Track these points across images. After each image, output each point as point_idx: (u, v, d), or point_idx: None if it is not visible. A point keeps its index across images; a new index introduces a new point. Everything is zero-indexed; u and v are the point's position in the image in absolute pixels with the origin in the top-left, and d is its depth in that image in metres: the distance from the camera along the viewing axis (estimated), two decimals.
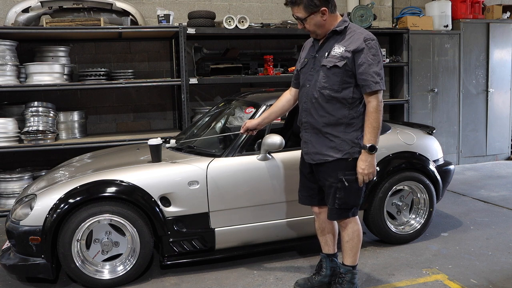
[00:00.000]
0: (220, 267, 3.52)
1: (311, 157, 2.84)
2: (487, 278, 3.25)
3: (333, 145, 2.74)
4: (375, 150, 2.67)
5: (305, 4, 2.65)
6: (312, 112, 2.77)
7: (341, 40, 2.72)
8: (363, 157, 2.70)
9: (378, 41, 2.75)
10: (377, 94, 2.65)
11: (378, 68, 2.65)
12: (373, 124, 2.66)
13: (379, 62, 2.66)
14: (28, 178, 5.09)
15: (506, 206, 4.92)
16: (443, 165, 4.14)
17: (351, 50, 2.65)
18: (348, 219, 2.84)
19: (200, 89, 6.19)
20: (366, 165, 2.69)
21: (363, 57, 2.64)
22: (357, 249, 2.90)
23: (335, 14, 2.75)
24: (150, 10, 6.03)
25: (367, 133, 2.67)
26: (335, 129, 2.73)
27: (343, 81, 2.69)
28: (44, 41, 5.49)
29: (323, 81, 2.72)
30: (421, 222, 3.92)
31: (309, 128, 2.82)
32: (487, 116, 7.18)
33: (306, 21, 2.71)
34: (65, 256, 3.09)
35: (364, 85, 2.65)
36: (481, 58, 7.07)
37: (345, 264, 2.93)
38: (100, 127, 5.98)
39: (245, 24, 5.50)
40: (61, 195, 3.09)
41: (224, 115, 4.41)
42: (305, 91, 2.82)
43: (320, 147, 2.78)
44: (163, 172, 3.30)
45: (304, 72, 2.86)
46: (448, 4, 6.84)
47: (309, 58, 2.86)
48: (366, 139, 2.67)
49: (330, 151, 2.74)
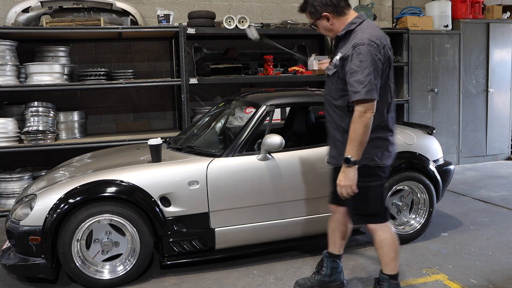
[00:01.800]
0: (220, 267, 3.52)
1: (328, 159, 2.94)
2: (487, 278, 3.25)
3: (342, 151, 2.67)
4: (351, 163, 2.54)
5: (309, 11, 2.71)
6: (328, 119, 2.84)
7: (344, 45, 2.67)
8: (343, 169, 2.60)
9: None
10: (360, 104, 2.51)
11: (363, 75, 2.49)
12: (351, 135, 2.54)
13: (365, 68, 2.49)
14: (28, 178, 5.09)
15: (506, 206, 4.92)
16: (443, 165, 4.14)
17: (342, 57, 2.63)
18: (371, 225, 2.77)
19: (200, 89, 6.19)
20: (342, 177, 2.60)
21: (348, 65, 2.56)
22: (390, 258, 2.76)
23: (345, 16, 2.68)
24: (150, 10, 6.03)
25: (347, 145, 2.57)
26: (343, 136, 2.70)
27: (339, 88, 2.67)
28: (44, 41, 5.49)
29: (327, 88, 2.79)
30: (421, 222, 3.92)
31: (329, 133, 2.86)
32: (487, 116, 7.18)
33: (316, 26, 2.76)
34: (65, 256, 3.09)
35: (350, 94, 2.55)
36: (481, 58, 7.07)
37: (382, 272, 2.82)
38: (100, 127, 5.98)
39: (245, 24, 5.50)
40: (61, 195, 3.09)
41: (224, 115, 4.41)
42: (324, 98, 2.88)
43: (333, 151, 2.82)
44: (163, 172, 3.30)
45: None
46: (448, 4, 6.84)
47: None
48: (346, 151, 2.57)
49: (340, 157, 2.70)
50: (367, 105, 2.51)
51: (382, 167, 2.71)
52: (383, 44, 2.59)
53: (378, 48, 2.55)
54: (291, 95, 4.04)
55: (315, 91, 4.26)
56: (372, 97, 2.50)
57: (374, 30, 2.63)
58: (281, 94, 3.99)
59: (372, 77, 2.50)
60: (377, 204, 2.74)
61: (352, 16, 2.71)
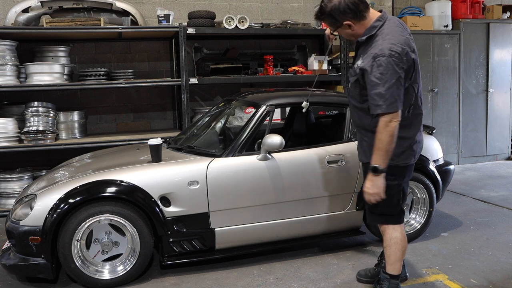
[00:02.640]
0: (220, 267, 3.52)
1: (358, 156, 2.94)
2: (487, 278, 3.25)
3: (364, 148, 2.79)
4: (379, 171, 2.54)
5: (328, 21, 2.66)
6: (353, 118, 2.90)
7: (366, 50, 2.61)
8: (369, 176, 2.61)
9: None
10: (384, 115, 2.49)
11: (384, 88, 2.46)
12: (377, 145, 2.53)
13: (386, 81, 2.45)
14: (28, 178, 5.09)
15: (506, 206, 4.92)
16: (443, 165, 4.14)
17: (361, 67, 2.58)
18: (383, 225, 2.78)
19: (200, 89, 6.19)
20: (370, 185, 2.60)
21: (368, 77, 2.53)
22: (396, 258, 2.76)
23: (366, 20, 2.60)
24: (150, 10, 6.03)
25: (374, 154, 2.57)
26: (365, 133, 2.77)
27: (361, 94, 2.68)
28: (44, 41, 5.49)
29: (350, 90, 2.82)
30: (421, 222, 3.92)
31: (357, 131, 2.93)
32: (487, 116, 7.18)
33: (337, 33, 2.76)
34: (65, 256, 3.09)
35: (371, 106, 2.55)
36: (481, 58, 7.07)
37: (384, 271, 2.84)
38: (100, 127, 5.98)
39: (245, 24, 5.50)
40: (61, 195, 3.09)
41: (224, 115, 4.41)
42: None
43: (360, 148, 2.88)
44: (163, 172, 3.30)
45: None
46: (448, 4, 6.84)
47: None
48: (372, 160, 2.58)
49: (362, 153, 2.83)
50: (392, 115, 2.48)
51: (401, 167, 2.69)
52: (405, 51, 2.51)
53: (400, 57, 2.48)
54: (291, 95, 4.04)
55: (315, 91, 4.26)
56: (395, 110, 2.47)
57: (395, 36, 2.53)
58: (281, 94, 3.99)
59: (394, 89, 2.46)
60: (393, 204, 2.72)
61: (373, 17, 2.62)
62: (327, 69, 5.90)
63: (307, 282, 3.24)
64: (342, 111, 3.96)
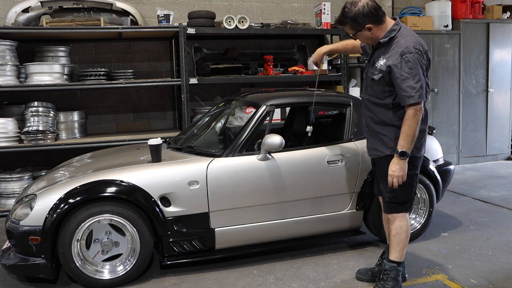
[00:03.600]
0: (220, 267, 3.52)
1: (369, 151, 3.08)
2: (487, 278, 3.25)
3: (383, 142, 2.92)
4: (406, 156, 2.77)
5: (350, 24, 2.84)
6: (367, 113, 3.02)
7: (386, 51, 2.84)
8: (394, 160, 2.82)
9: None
10: (413, 106, 2.73)
11: (414, 81, 2.71)
12: (406, 131, 2.75)
13: (415, 75, 2.72)
14: (28, 178, 5.09)
15: (506, 206, 4.92)
16: (443, 165, 4.14)
17: (388, 65, 2.78)
18: (397, 214, 2.95)
19: (200, 89, 6.19)
20: (396, 168, 2.80)
21: (397, 72, 2.75)
22: (404, 245, 2.97)
23: (384, 24, 2.84)
24: (150, 10, 6.03)
25: (400, 139, 2.78)
26: (384, 128, 2.91)
27: (384, 90, 2.86)
28: (44, 41, 5.49)
29: (369, 88, 2.96)
30: (421, 222, 3.92)
31: (368, 125, 3.05)
32: (487, 116, 7.18)
33: (356, 36, 2.91)
34: (65, 256, 3.09)
35: (400, 99, 2.78)
36: (481, 58, 7.07)
37: (391, 260, 2.99)
38: (100, 127, 5.98)
39: (245, 24, 5.50)
40: (61, 195, 3.09)
41: (224, 115, 4.41)
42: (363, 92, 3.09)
43: (373, 143, 3.00)
44: (163, 172, 3.30)
45: (365, 73, 3.07)
46: (448, 4, 6.84)
47: (366, 62, 3.07)
48: (399, 144, 2.78)
49: (381, 147, 2.94)
50: (419, 106, 2.74)
51: (418, 158, 2.95)
52: (425, 50, 2.81)
53: (422, 54, 2.77)
54: (291, 95, 4.04)
55: (316, 91, 4.25)
56: (424, 100, 2.77)
57: (414, 37, 2.82)
58: (281, 94, 3.99)
59: (422, 82, 2.74)
60: (410, 192, 2.94)
61: (390, 23, 2.87)
62: (327, 69, 5.90)
63: (307, 282, 3.24)
64: (342, 111, 3.96)
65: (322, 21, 5.93)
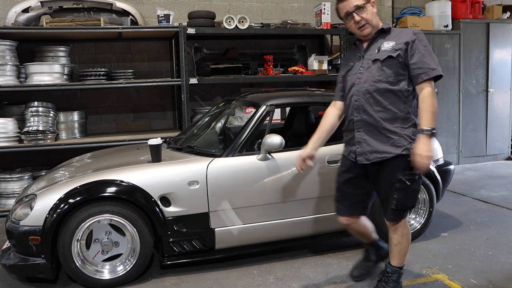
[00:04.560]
0: (220, 267, 3.52)
1: (366, 156, 2.73)
2: (487, 278, 3.25)
3: (391, 141, 2.65)
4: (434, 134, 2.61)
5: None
6: (366, 108, 2.70)
7: (388, 36, 2.75)
8: (423, 140, 2.56)
9: None
10: (430, 82, 2.64)
11: (432, 57, 2.67)
12: (429, 108, 2.59)
13: (431, 52, 2.68)
14: (28, 178, 5.09)
15: (506, 206, 4.92)
16: (443, 165, 4.14)
17: (404, 42, 2.67)
18: (401, 221, 2.76)
19: (200, 89, 6.20)
20: (427, 148, 2.55)
21: (415, 47, 2.65)
22: (406, 251, 2.85)
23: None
24: (150, 10, 6.03)
25: (425, 117, 2.58)
26: (392, 124, 2.66)
27: (398, 73, 2.66)
28: (44, 41, 5.49)
29: (377, 74, 2.68)
30: (421, 222, 3.92)
31: (363, 126, 2.72)
32: (487, 116, 7.18)
33: (365, 9, 2.72)
34: (65, 256, 3.09)
35: (421, 73, 2.62)
36: (481, 58, 7.07)
37: (392, 265, 2.87)
38: (100, 127, 5.98)
39: (245, 24, 5.50)
40: (61, 195, 3.09)
41: (224, 115, 4.41)
42: (355, 89, 2.75)
43: (376, 144, 2.69)
44: (163, 172, 3.30)
45: (352, 74, 2.81)
46: (448, 4, 6.84)
47: (355, 61, 2.82)
48: (424, 123, 2.58)
49: (388, 147, 2.66)
50: (434, 84, 2.67)
51: None
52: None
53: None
54: (291, 95, 4.04)
55: (315, 91, 4.26)
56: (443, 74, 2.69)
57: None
58: (281, 94, 3.99)
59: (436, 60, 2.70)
60: (416, 197, 2.76)
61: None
62: (327, 69, 5.90)
63: (307, 282, 3.24)
64: None
65: (322, 21, 5.93)
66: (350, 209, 2.91)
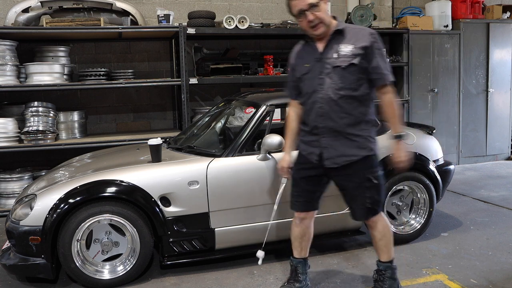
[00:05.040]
0: (220, 267, 3.52)
1: (333, 161, 2.75)
2: (487, 278, 3.25)
3: (356, 144, 2.72)
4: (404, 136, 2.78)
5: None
6: (331, 116, 2.70)
7: (344, 39, 2.69)
8: (399, 146, 2.76)
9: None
10: (389, 86, 2.72)
11: (385, 60, 2.73)
12: (396, 113, 2.73)
13: (384, 55, 2.73)
14: (28, 178, 5.09)
15: (506, 206, 4.92)
16: (443, 165, 4.14)
17: (362, 47, 2.64)
18: (376, 216, 2.83)
19: (200, 89, 6.19)
20: (406, 153, 2.76)
21: (373, 52, 2.66)
22: (391, 244, 2.91)
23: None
24: (150, 10, 6.03)
25: (394, 123, 2.74)
26: (356, 128, 2.72)
27: (359, 78, 2.68)
28: (44, 41, 5.48)
29: (339, 82, 2.67)
30: (421, 222, 3.92)
31: (328, 133, 2.73)
32: (487, 116, 7.18)
33: (319, 7, 2.64)
34: (65, 256, 3.10)
35: (380, 78, 2.69)
36: (481, 58, 7.07)
37: (383, 261, 2.91)
38: (100, 127, 5.98)
39: (245, 24, 5.50)
40: (61, 195, 3.09)
41: (224, 115, 4.41)
42: (318, 96, 2.71)
43: (343, 148, 2.73)
44: (163, 172, 3.30)
45: (311, 78, 2.76)
46: (448, 4, 6.84)
47: (312, 63, 2.76)
48: (395, 129, 2.75)
49: (355, 150, 2.72)
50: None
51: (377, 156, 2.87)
52: None
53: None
54: None
55: None
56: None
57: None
58: (281, 94, 3.97)
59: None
60: (383, 192, 2.85)
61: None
62: None
63: None
64: None
65: None
66: (306, 205, 2.94)
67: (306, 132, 2.86)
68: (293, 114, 2.96)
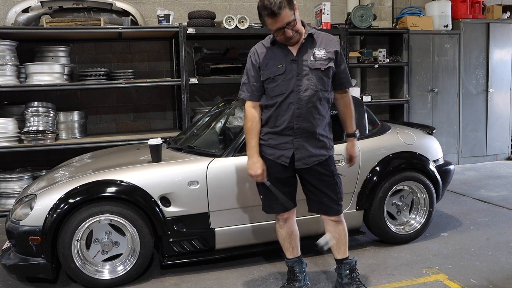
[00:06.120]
0: (220, 267, 3.52)
1: (304, 161, 2.78)
2: (487, 278, 3.25)
3: (322, 144, 2.83)
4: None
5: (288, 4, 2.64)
6: (308, 117, 2.73)
7: (316, 43, 2.80)
8: (354, 143, 3.06)
9: (378, 41, 2.81)
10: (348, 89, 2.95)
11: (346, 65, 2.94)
12: (353, 113, 2.99)
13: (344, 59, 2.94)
14: (28, 178, 5.09)
15: (506, 206, 4.92)
16: (443, 165, 4.14)
17: (333, 51, 2.80)
18: (340, 215, 2.94)
19: (200, 89, 6.19)
20: (357, 149, 3.10)
21: (341, 56, 2.85)
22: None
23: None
24: (150, 10, 6.03)
25: (351, 123, 3.00)
26: (324, 129, 2.85)
27: (329, 80, 2.82)
28: (44, 41, 5.49)
29: (318, 83, 2.74)
30: (421, 222, 3.92)
31: (301, 133, 2.76)
32: (487, 116, 7.18)
33: (295, 21, 2.65)
34: (65, 256, 3.10)
35: (347, 82, 2.91)
36: (481, 58, 7.07)
37: (347, 258, 3.04)
38: (100, 127, 5.98)
39: (245, 24, 5.50)
40: (61, 195, 3.09)
41: (224, 115, 4.41)
42: (295, 97, 2.71)
43: (312, 149, 2.78)
44: (163, 172, 3.30)
45: (287, 79, 2.72)
46: (448, 4, 6.85)
47: (286, 64, 2.72)
48: (352, 128, 3.01)
49: (322, 150, 2.83)
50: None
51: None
52: None
53: None
54: None
55: None
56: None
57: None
58: None
59: None
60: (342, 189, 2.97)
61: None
62: None
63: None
64: None
65: (322, 21, 5.93)
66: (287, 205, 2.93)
67: (274, 134, 2.80)
68: (254, 115, 2.83)
